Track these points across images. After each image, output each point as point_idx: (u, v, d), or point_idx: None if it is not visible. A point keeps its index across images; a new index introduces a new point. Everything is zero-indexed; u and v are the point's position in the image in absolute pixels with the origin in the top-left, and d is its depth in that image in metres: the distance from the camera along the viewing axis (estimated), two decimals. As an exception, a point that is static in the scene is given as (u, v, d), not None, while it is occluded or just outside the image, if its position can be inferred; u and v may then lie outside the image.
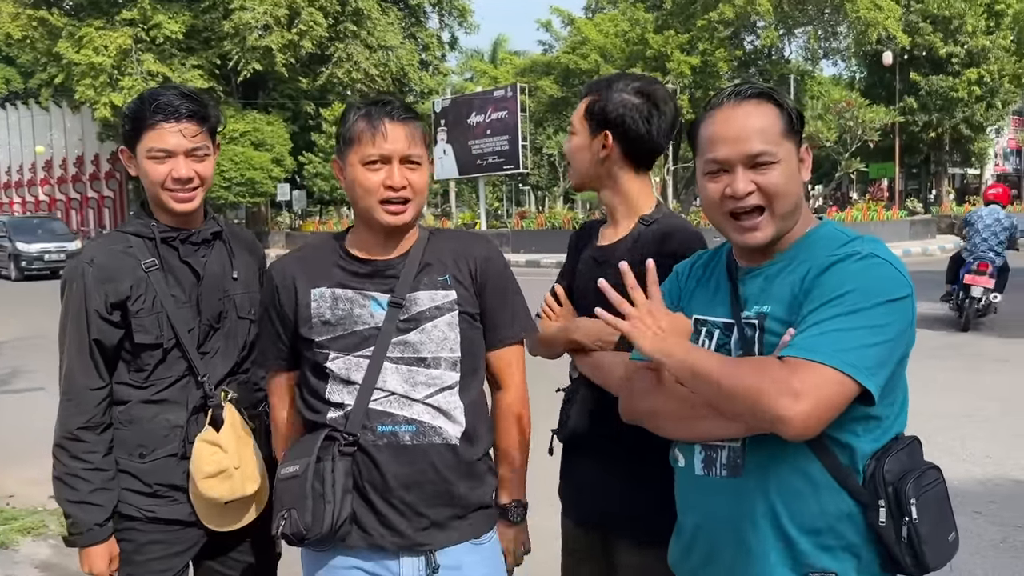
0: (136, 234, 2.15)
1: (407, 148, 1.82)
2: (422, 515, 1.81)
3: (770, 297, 1.57)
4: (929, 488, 1.50)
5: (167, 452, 2.11)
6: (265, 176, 32.24)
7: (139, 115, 2.08)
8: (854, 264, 1.48)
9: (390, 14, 35.92)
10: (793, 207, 1.58)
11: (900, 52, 30.81)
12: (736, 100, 1.59)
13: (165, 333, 2.09)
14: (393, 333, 1.82)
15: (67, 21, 32.10)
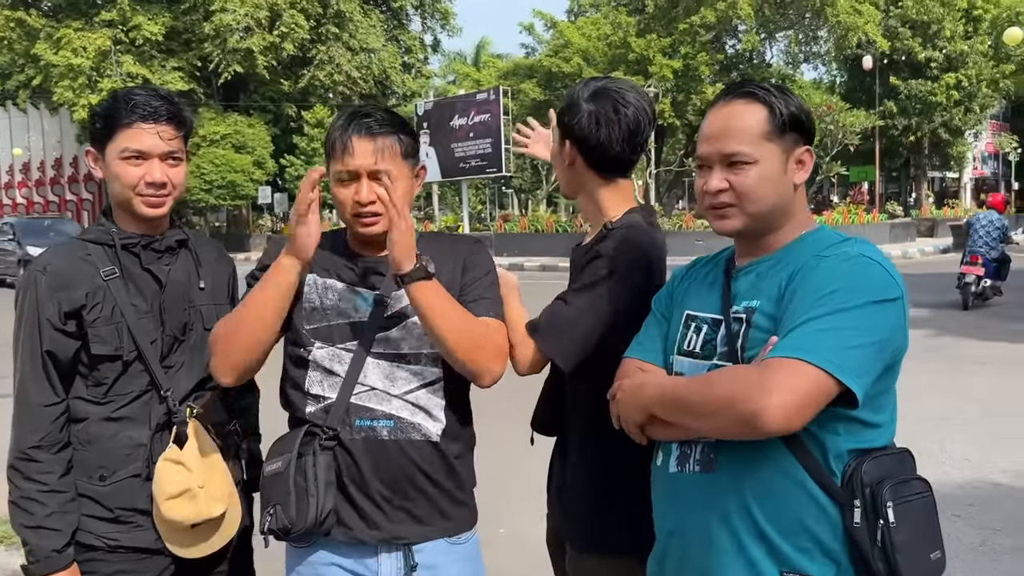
0: (95, 241, 2.04)
1: (373, 163, 1.80)
2: (400, 508, 1.83)
3: (759, 293, 1.57)
4: (912, 498, 1.47)
5: (129, 473, 1.98)
6: (246, 179, 32.06)
7: (113, 113, 1.98)
8: (841, 263, 1.47)
9: (372, 16, 35.85)
10: (769, 208, 1.58)
11: (880, 56, 31.08)
12: (726, 99, 1.61)
13: (125, 344, 1.96)
14: (376, 329, 1.84)
15: (45, 22, 31.83)
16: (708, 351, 1.62)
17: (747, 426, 1.38)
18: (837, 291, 1.42)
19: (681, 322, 1.71)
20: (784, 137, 1.57)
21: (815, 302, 1.43)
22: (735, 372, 1.46)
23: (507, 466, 2.17)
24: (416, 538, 1.84)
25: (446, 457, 1.86)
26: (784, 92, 1.60)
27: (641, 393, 1.61)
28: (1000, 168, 43.14)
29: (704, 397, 1.44)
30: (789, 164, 1.59)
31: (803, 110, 1.60)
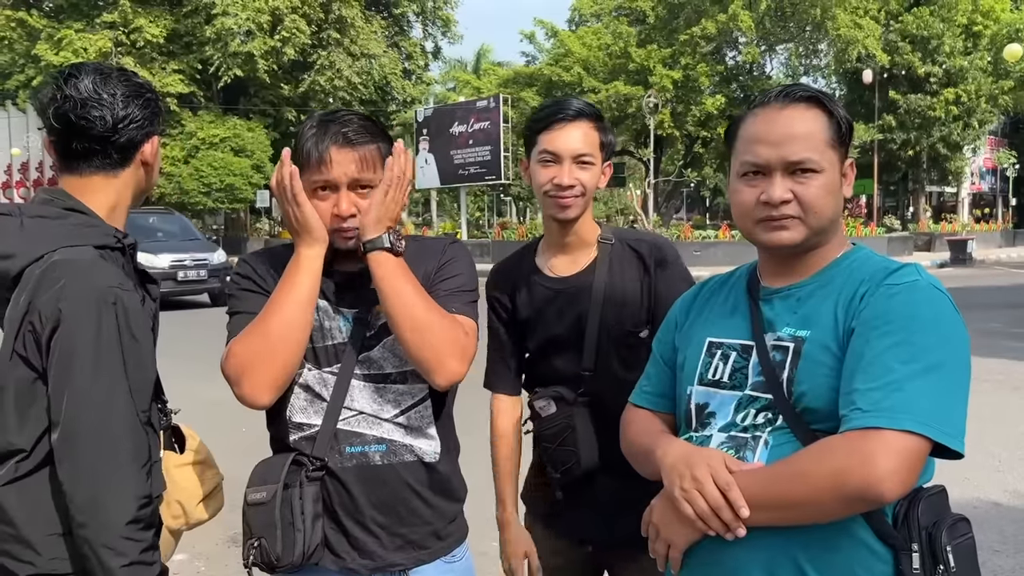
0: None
1: (356, 172, 1.71)
2: (396, 535, 1.76)
3: (808, 321, 1.44)
4: (962, 540, 1.37)
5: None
6: (245, 182, 32.05)
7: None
8: (917, 299, 1.35)
9: (373, 23, 35.91)
10: (828, 223, 1.47)
11: (880, 71, 31.17)
12: (783, 101, 1.47)
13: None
14: (358, 349, 1.76)
15: (46, 23, 31.85)
16: (738, 380, 1.49)
17: (861, 504, 1.29)
18: (930, 343, 1.31)
19: (703, 350, 1.57)
20: (840, 147, 1.47)
21: (904, 350, 1.31)
22: (831, 447, 1.31)
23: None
24: (412, 563, 1.78)
25: (440, 476, 1.81)
26: (836, 101, 1.51)
27: (706, 509, 1.37)
28: (998, 184, 43.23)
29: (800, 481, 1.30)
30: (840, 175, 1.49)
31: (850, 121, 1.51)
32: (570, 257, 2.09)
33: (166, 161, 31.64)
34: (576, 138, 2.00)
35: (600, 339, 2.01)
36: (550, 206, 2.03)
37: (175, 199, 32.17)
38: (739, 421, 1.47)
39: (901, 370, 1.29)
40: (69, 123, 1.61)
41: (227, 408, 2.06)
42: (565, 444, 1.99)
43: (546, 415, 2.02)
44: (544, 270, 2.11)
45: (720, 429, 1.49)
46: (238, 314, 1.75)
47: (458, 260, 1.85)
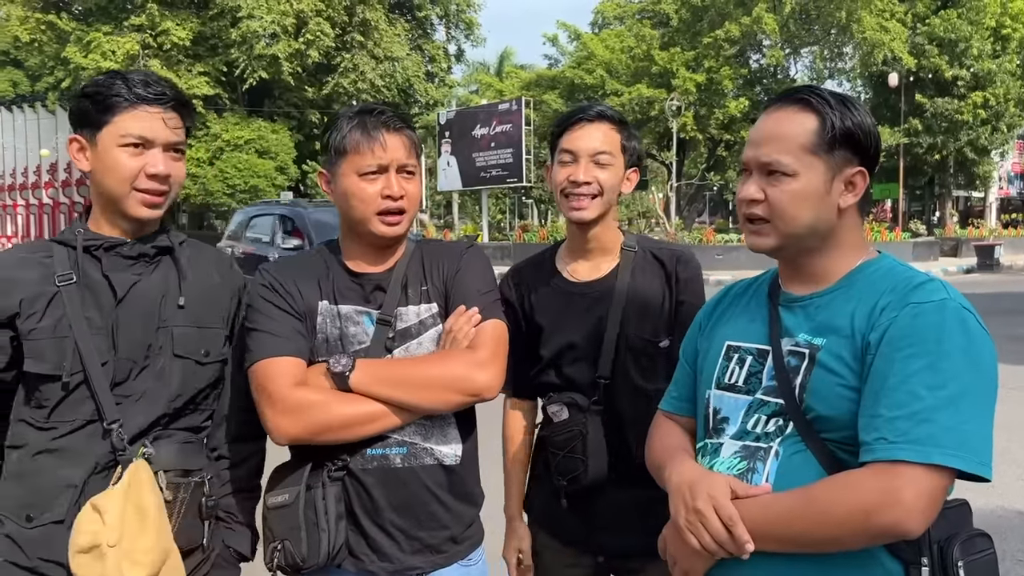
0: (61, 241, 1.76)
1: (404, 157, 1.77)
2: (414, 538, 1.77)
3: (825, 330, 1.41)
4: (979, 556, 1.35)
5: (54, 517, 1.66)
6: (269, 184, 32.25)
7: (112, 92, 1.70)
8: (943, 320, 1.31)
9: (397, 25, 36.04)
10: (804, 229, 1.43)
11: (906, 74, 30.85)
12: (778, 104, 1.47)
13: (69, 363, 1.66)
14: (381, 352, 1.77)
15: (75, 26, 32.24)
16: (752, 385, 1.48)
17: (885, 538, 1.28)
18: (958, 368, 1.27)
19: (721, 353, 1.56)
20: (833, 153, 1.41)
21: (931, 375, 1.27)
22: (856, 483, 1.28)
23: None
24: (429, 568, 1.79)
25: (460, 480, 1.81)
26: (847, 104, 1.44)
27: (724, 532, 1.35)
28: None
29: (823, 519, 1.28)
30: (835, 184, 1.43)
31: (863, 127, 1.43)
32: (592, 262, 2.08)
33: (191, 162, 31.93)
34: (594, 137, 2.01)
35: (618, 347, 1.99)
36: (565, 206, 2.03)
37: (200, 200, 32.47)
38: (750, 428, 1.46)
39: (928, 398, 1.26)
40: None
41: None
42: (574, 452, 1.97)
43: (558, 421, 2.00)
44: (564, 274, 2.11)
45: (733, 436, 1.48)
46: (260, 332, 1.74)
47: (477, 263, 1.87)
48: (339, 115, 1.83)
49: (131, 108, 1.71)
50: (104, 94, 1.71)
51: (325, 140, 1.82)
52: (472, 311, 1.78)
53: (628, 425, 1.99)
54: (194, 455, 1.79)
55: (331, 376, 1.68)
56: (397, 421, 1.71)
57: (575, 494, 2.00)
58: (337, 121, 1.81)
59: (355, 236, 1.83)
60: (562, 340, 2.05)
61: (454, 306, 1.80)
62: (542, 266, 2.17)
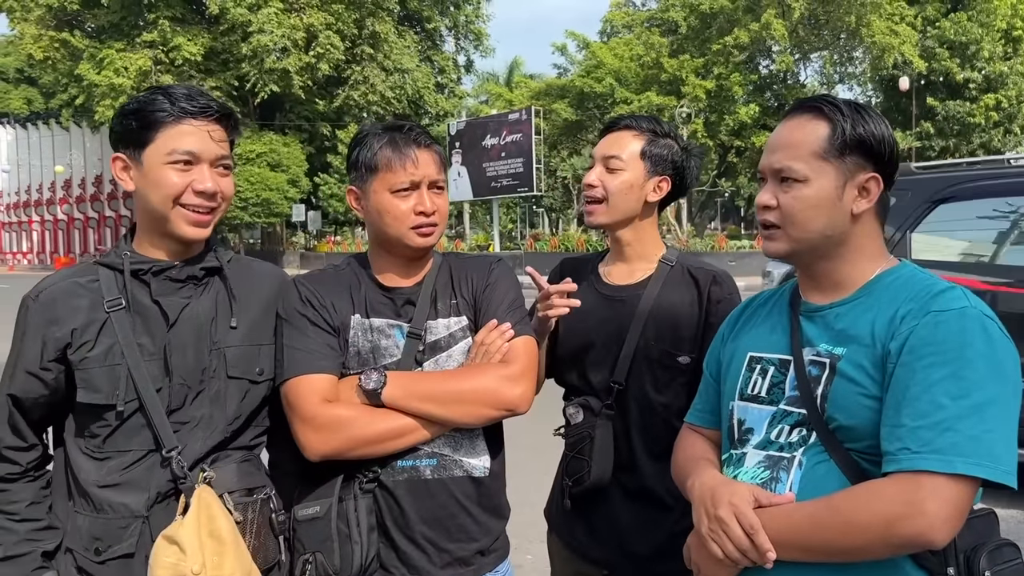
0: (108, 265, 1.71)
1: (435, 173, 1.80)
2: (444, 551, 1.76)
3: (845, 339, 1.40)
4: (1006, 566, 1.33)
5: (122, 551, 1.63)
6: (281, 197, 32.47)
7: (155, 108, 1.64)
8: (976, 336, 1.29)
9: (407, 37, 36.25)
10: (817, 235, 1.43)
11: (917, 77, 30.76)
12: (792, 112, 1.49)
13: (122, 392, 1.62)
14: (411, 365, 1.77)
15: (88, 43, 32.61)
16: (775, 396, 1.47)
17: (909, 548, 1.27)
18: (981, 376, 1.26)
19: (744, 364, 1.55)
20: (844, 159, 1.41)
21: (954, 384, 1.26)
22: (879, 493, 1.27)
23: (533, 491, 2.14)
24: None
25: (488, 492, 1.81)
26: (860, 111, 1.44)
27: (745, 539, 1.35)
28: (1041, 190, 42.29)
29: (846, 529, 1.27)
30: (847, 190, 1.42)
31: (875, 133, 1.42)
32: (627, 269, 2.09)
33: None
34: (610, 143, 2.05)
35: (636, 355, 1.99)
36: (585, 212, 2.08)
37: (213, 214, 32.65)
38: (773, 438, 1.46)
39: (951, 407, 1.25)
40: None
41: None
42: (581, 454, 1.99)
43: (573, 423, 2.03)
44: (602, 275, 2.13)
45: (756, 446, 1.48)
46: (292, 348, 1.74)
47: (506, 278, 1.89)
48: (365, 132, 1.84)
49: (176, 123, 1.65)
50: (147, 110, 1.65)
51: (353, 157, 1.82)
52: (505, 326, 1.78)
53: (636, 434, 1.99)
54: (254, 473, 1.75)
55: (363, 393, 1.69)
56: (428, 435, 1.72)
57: (580, 497, 2.01)
58: (364, 138, 1.82)
59: (386, 250, 1.84)
60: (583, 339, 2.06)
61: (484, 320, 1.81)
62: (586, 265, 2.19)
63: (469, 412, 1.72)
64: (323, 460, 1.70)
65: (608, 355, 2.03)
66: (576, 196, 34.56)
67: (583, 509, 2.04)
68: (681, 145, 2.09)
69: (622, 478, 1.99)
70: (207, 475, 1.64)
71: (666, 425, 1.96)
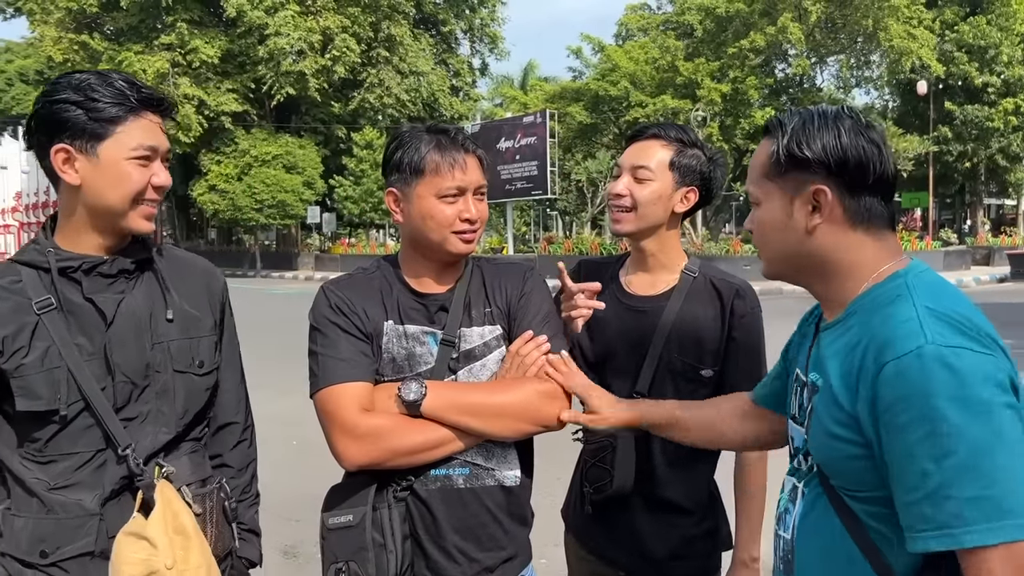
0: (30, 264, 1.61)
1: (480, 179, 1.79)
2: (475, 560, 1.76)
3: (823, 365, 1.33)
4: None
5: (78, 550, 1.57)
6: (296, 199, 32.58)
7: (112, 100, 1.55)
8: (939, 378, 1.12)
9: (422, 40, 36.33)
10: (780, 256, 1.39)
11: (935, 81, 30.54)
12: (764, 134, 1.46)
13: (64, 395, 1.55)
14: (445, 373, 1.76)
15: (107, 45, 32.84)
16: (803, 416, 1.40)
17: None
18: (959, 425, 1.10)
19: (793, 380, 1.50)
20: (785, 176, 1.35)
21: (932, 443, 1.11)
22: None
23: (544, 495, 2.14)
24: None
25: (518, 501, 1.81)
26: (807, 123, 1.34)
27: None
28: (1060, 196, 41.86)
29: None
30: (796, 207, 1.34)
31: (814, 145, 1.31)
32: (649, 278, 2.09)
33: (220, 178, 32.35)
34: (639, 152, 2.04)
35: (659, 367, 1.99)
36: (611, 220, 2.07)
37: (228, 215, 32.86)
38: (795, 465, 1.45)
39: (937, 473, 1.11)
40: None
41: (278, 420, 2.08)
42: (603, 462, 1.98)
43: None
44: (623, 284, 2.12)
45: (788, 472, 1.48)
46: (326, 357, 1.73)
47: (540, 288, 1.88)
48: (406, 134, 1.81)
49: (135, 117, 1.58)
50: (102, 101, 1.55)
51: (396, 158, 1.78)
52: (541, 338, 1.78)
53: (657, 446, 1.99)
54: (203, 463, 1.76)
55: (402, 403, 1.68)
56: (463, 446, 1.72)
57: (600, 503, 2.01)
58: (407, 140, 1.79)
59: (421, 254, 1.82)
60: (607, 349, 2.07)
61: (519, 330, 1.80)
62: (606, 270, 2.18)
63: (507, 427, 1.72)
64: (360, 470, 1.69)
65: (630, 365, 2.02)
66: (590, 199, 34.51)
67: (603, 514, 2.05)
68: (708, 155, 2.07)
69: (642, 486, 1.99)
70: (166, 470, 1.62)
71: None
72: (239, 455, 1.88)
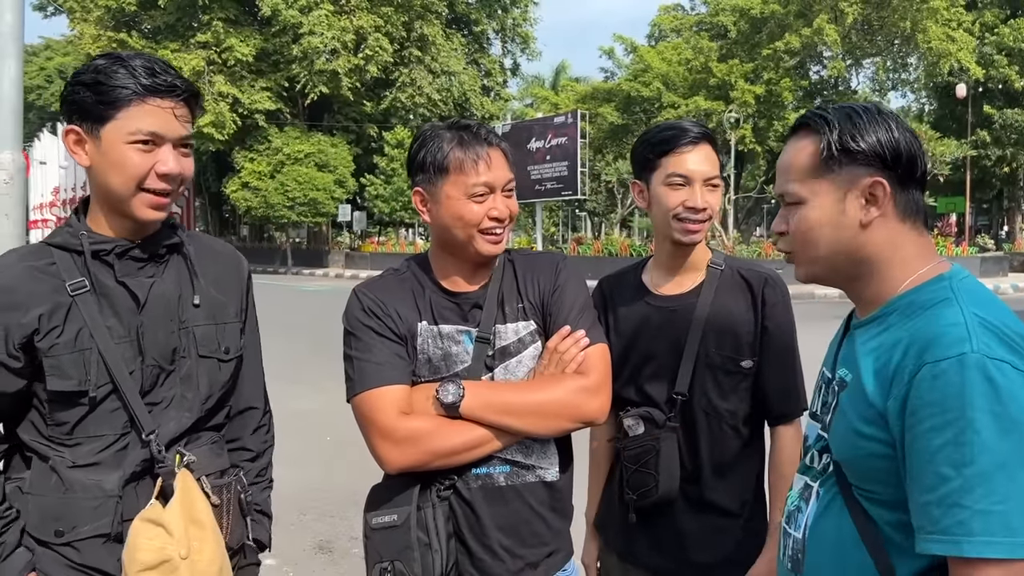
0: (62, 246, 1.63)
1: (508, 174, 1.77)
2: (519, 557, 1.76)
3: (855, 362, 1.32)
4: None
5: (93, 531, 1.58)
6: (327, 197, 32.84)
7: (116, 83, 1.53)
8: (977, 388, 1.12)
9: (454, 40, 36.45)
10: (829, 255, 1.36)
11: (974, 84, 30.03)
12: (791, 132, 1.44)
13: (94, 377, 1.56)
14: (482, 371, 1.75)
15: (145, 43, 33.30)
16: (825, 413, 1.40)
17: None
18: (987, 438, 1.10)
19: (818, 376, 1.50)
20: (838, 171, 1.33)
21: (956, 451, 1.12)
22: None
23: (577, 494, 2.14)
24: None
25: (559, 495, 1.81)
26: (852, 117, 1.34)
27: None
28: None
29: None
30: (849, 201, 1.33)
31: (867, 138, 1.32)
32: (677, 278, 2.05)
33: (253, 176, 32.69)
34: (704, 160, 1.98)
35: (697, 363, 1.97)
36: (678, 230, 1.97)
37: (261, 212, 33.20)
38: (808, 462, 1.43)
39: (955, 479, 1.11)
40: None
41: (312, 416, 2.09)
42: (646, 467, 1.95)
43: (633, 435, 1.98)
44: (649, 287, 2.09)
45: (800, 471, 1.46)
46: (362, 361, 1.73)
47: (573, 279, 1.85)
48: (428, 132, 1.79)
49: (139, 101, 1.55)
50: (106, 84, 1.54)
51: (420, 158, 1.76)
52: (579, 333, 1.76)
53: (703, 445, 1.97)
54: (222, 454, 1.76)
55: (441, 406, 1.68)
56: (503, 444, 1.72)
57: (644, 509, 1.99)
58: (430, 138, 1.76)
59: (451, 254, 1.81)
60: (641, 353, 2.03)
61: (555, 325, 1.78)
62: (628, 279, 2.15)
63: (548, 425, 1.72)
64: (402, 472, 1.70)
65: (667, 367, 1.99)
66: (620, 200, 34.37)
67: (646, 522, 2.02)
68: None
69: (687, 489, 1.97)
70: (188, 459, 1.63)
71: (734, 432, 1.97)
72: (258, 440, 1.89)
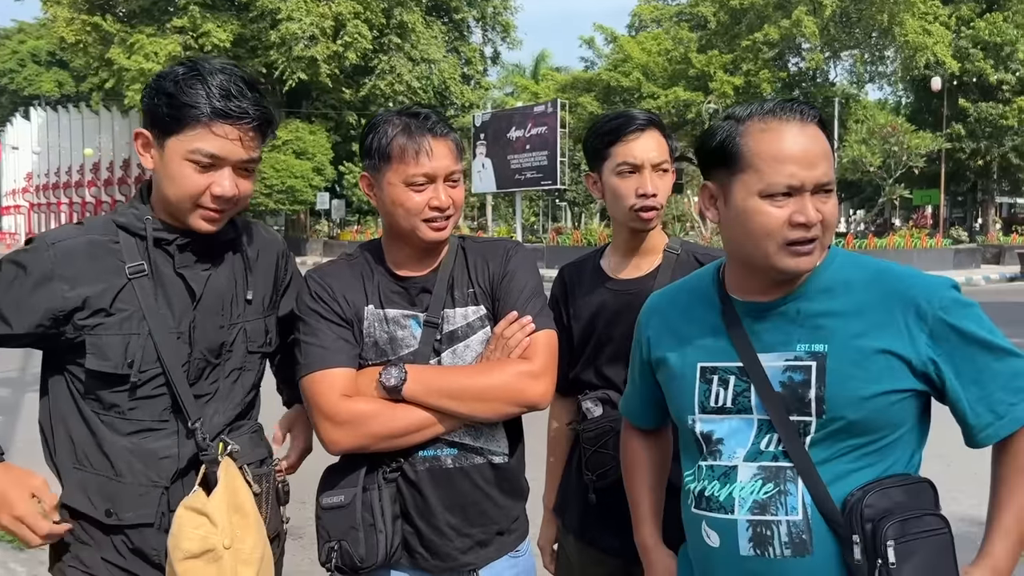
0: (127, 228, 1.64)
1: (451, 165, 1.75)
2: (466, 535, 1.78)
3: (824, 334, 1.40)
4: (921, 536, 1.31)
5: (139, 519, 1.62)
6: (305, 184, 32.66)
7: (189, 101, 1.55)
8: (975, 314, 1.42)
9: (434, 28, 36.29)
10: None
11: (949, 78, 30.32)
12: (803, 121, 1.40)
13: (137, 362, 1.58)
14: (429, 355, 1.77)
15: (120, 27, 32.91)
16: (742, 404, 1.44)
17: None
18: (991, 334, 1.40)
19: (697, 376, 1.51)
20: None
21: (986, 351, 1.39)
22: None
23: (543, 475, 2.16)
24: (482, 562, 1.81)
25: (508, 476, 1.82)
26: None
27: None
28: (1073, 195, 41.60)
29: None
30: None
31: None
32: (634, 262, 2.08)
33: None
34: (652, 146, 2.00)
35: None
36: (634, 219, 2.01)
37: (238, 200, 32.93)
38: (763, 447, 1.42)
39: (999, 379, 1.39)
40: None
41: (280, 401, 2.07)
42: (605, 448, 1.98)
43: (591, 417, 2.01)
44: (607, 272, 2.11)
45: (746, 459, 1.44)
46: (308, 344, 1.74)
47: (524, 266, 1.85)
48: (380, 117, 1.79)
49: (207, 123, 1.56)
50: (179, 99, 1.55)
51: (368, 143, 1.77)
52: (526, 319, 1.77)
53: None
54: (261, 443, 1.79)
55: (383, 389, 1.69)
56: (447, 428, 1.73)
57: (603, 491, 2.01)
58: (379, 124, 1.77)
59: (399, 240, 1.81)
60: (600, 338, 2.06)
61: (503, 311, 1.79)
62: (587, 265, 2.18)
63: (490, 409, 1.72)
64: (345, 454, 1.73)
65: (626, 349, 1.98)
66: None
67: (605, 503, 2.03)
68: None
69: None
70: (230, 448, 1.66)
71: None
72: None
